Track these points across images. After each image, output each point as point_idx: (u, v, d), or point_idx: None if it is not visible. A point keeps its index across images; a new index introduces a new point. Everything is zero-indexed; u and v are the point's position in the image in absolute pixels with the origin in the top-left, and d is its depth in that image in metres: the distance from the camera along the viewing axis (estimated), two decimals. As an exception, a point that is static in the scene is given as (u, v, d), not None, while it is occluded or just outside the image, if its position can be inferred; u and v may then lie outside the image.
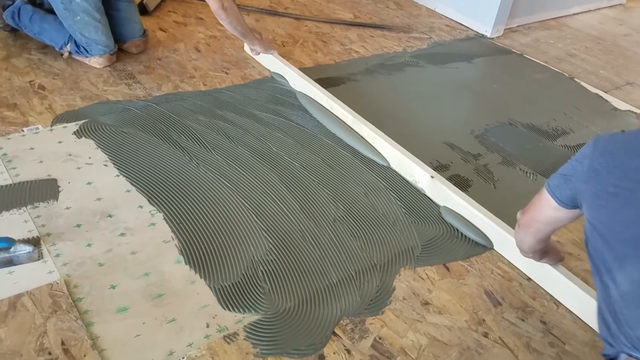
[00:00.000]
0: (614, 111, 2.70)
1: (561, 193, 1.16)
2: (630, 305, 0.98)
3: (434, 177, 1.84)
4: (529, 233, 1.32)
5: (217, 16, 2.20)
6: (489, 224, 1.68)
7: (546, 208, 1.22)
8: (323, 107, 2.25)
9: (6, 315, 1.27)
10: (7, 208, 1.57)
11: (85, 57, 2.33)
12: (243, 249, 1.55)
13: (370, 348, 1.33)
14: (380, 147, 2.02)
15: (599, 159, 1.06)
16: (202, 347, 1.27)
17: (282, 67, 2.46)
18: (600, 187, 1.04)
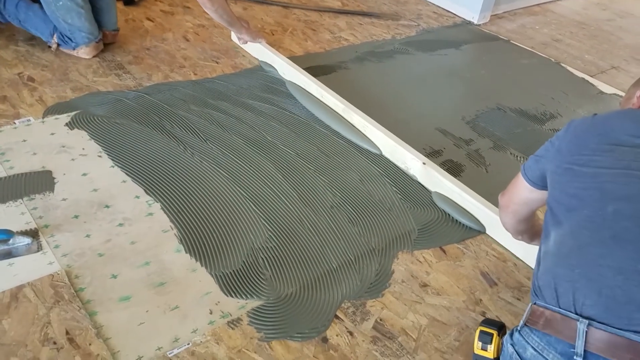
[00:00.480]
0: (600, 95, 2.74)
1: (532, 174, 1.20)
2: (544, 260, 1.07)
3: (426, 164, 1.85)
4: (508, 214, 1.36)
5: (202, 5, 2.18)
6: (481, 208, 1.70)
7: (521, 189, 1.25)
8: (313, 96, 2.25)
9: (8, 307, 1.27)
10: (3, 200, 1.56)
11: (72, 48, 2.30)
12: (242, 236, 1.56)
13: (372, 329, 1.35)
14: (372, 135, 2.03)
15: (565, 138, 1.11)
16: (206, 332, 1.28)
17: (270, 56, 2.44)
18: (558, 164, 1.09)
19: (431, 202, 1.80)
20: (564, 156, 1.09)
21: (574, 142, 1.08)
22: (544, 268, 1.06)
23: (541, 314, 1.01)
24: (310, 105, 2.20)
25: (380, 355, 1.29)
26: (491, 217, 1.67)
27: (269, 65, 2.46)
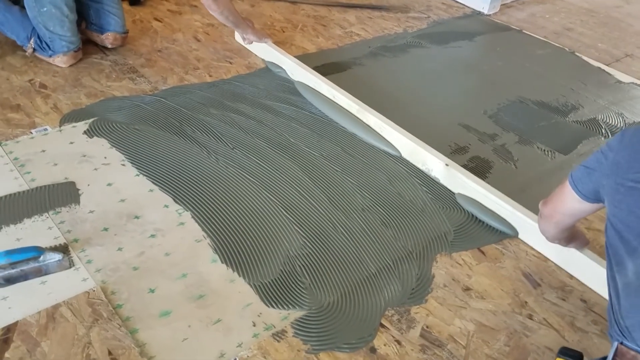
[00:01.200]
0: (618, 84, 2.71)
1: (584, 187, 1.13)
2: (627, 296, 0.98)
3: (449, 165, 1.80)
4: (551, 224, 1.31)
5: (207, 7, 2.12)
6: (512, 211, 1.64)
7: (569, 200, 1.19)
8: (325, 97, 2.17)
9: (46, 328, 1.22)
10: (28, 215, 1.51)
11: (49, 56, 2.19)
12: (277, 244, 1.52)
13: (420, 337, 1.31)
14: (390, 136, 1.97)
15: (622, 152, 1.04)
16: (252, 346, 1.24)
17: (278, 56, 2.37)
18: (619, 181, 1.02)
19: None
20: (624, 172, 1.01)
21: (634, 157, 1.01)
22: (630, 304, 0.98)
23: (633, 358, 0.95)
24: (323, 106, 2.13)
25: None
26: (524, 221, 1.61)
27: (276, 66, 2.38)
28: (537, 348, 1.32)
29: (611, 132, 2.28)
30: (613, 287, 1.04)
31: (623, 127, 2.33)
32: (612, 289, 1.04)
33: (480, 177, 1.88)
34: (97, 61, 2.28)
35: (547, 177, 1.95)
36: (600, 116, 2.38)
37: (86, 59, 2.27)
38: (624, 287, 1.00)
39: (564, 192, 1.21)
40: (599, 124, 2.32)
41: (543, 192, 1.81)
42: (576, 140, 2.19)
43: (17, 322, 1.23)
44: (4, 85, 2.05)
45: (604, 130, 2.29)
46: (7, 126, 1.83)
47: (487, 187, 1.71)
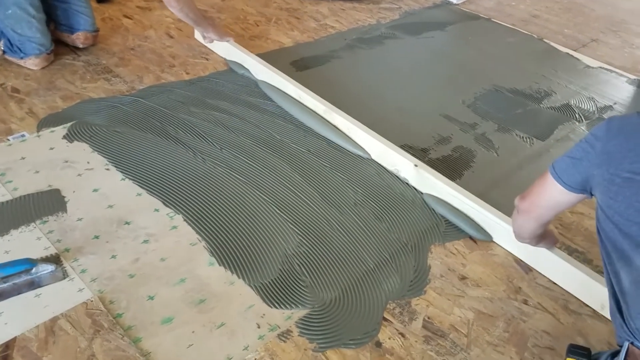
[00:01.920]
0: (587, 69, 2.78)
1: (569, 177, 1.09)
2: (638, 295, 0.94)
3: (418, 166, 1.76)
4: (529, 219, 1.26)
5: (166, 4, 2.04)
6: (485, 214, 1.60)
7: (550, 192, 1.15)
8: (291, 97, 2.10)
9: (46, 342, 1.19)
10: (14, 226, 1.46)
11: (20, 58, 2.11)
12: (273, 243, 1.51)
13: (422, 329, 1.33)
14: (358, 137, 1.91)
15: (612, 140, 1.00)
16: (259, 349, 1.24)
17: (240, 55, 2.28)
18: (614, 172, 0.98)
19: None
20: (618, 162, 0.98)
21: (626, 146, 0.97)
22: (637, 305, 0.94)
23: None
24: (290, 107, 2.07)
25: (436, 354, 1.28)
26: (498, 224, 1.58)
27: (240, 66, 2.29)
28: (535, 332, 1.36)
29: (584, 117, 2.34)
30: (617, 284, 0.99)
31: (595, 111, 2.40)
32: (615, 286, 1.00)
33: (465, 167, 1.93)
34: (70, 62, 2.21)
35: (528, 163, 2.00)
36: (573, 101, 2.45)
37: (58, 61, 2.20)
38: (631, 285, 0.95)
39: (545, 184, 1.16)
40: (572, 109, 2.39)
41: (525, 179, 1.89)
42: (552, 126, 2.25)
43: (15, 337, 1.19)
44: (-28, 90, 1.97)
45: (577, 115, 2.35)
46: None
47: (458, 189, 1.67)
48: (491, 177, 1.89)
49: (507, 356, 1.29)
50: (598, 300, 1.42)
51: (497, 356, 1.29)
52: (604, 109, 2.43)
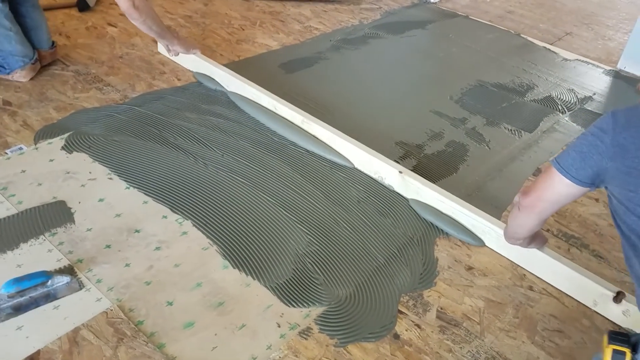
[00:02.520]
0: (565, 61, 2.88)
1: (579, 172, 1.09)
2: None
3: (403, 172, 1.74)
4: (531, 214, 1.25)
5: (128, 16, 1.96)
6: (478, 220, 1.59)
7: (557, 186, 1.15)
8: (265, 108, 2.05)
9: (71, 353, 1.19)
10: (23, 239, 1.45)
11: (7, 73, 2.06)
12: (284, 244, 1.53)
13: (437, 319, 1.38)
14: (340, 147, 1.87)
15: (622, 133, 1.01)
16: (282, 347, 1.26)
17: (209, 67, 2.21)
18: (630, 164, 0.99)
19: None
20: (633, 154, 0.98)
21: (639, 138, 0.99)
22: None
23: None
24: (266, 119, 2.01)
25: (452, 343, 1.32)
26: (490, 229, 1.57)
27: (208, 78, 2.22)
28: (542, 317, 1.42)
29: (567, 108, 2.43)
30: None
31: (576, 102, 2.49)
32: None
33: (459, 161, 1.98)
34: (59, 72, 2.19)
35: (519, 154, 2.07)
36: (554, 93, 2.54)
37: (46, 72, 2.18)
38: None
39: (550, 179, 1.16)
40: (554, 101, 2.47)
41: (517, 169, 1.95)
42: (537, 118, 2.33)
43: (39, 350, 1.19)
44: (-38, 104, 1.94)
45: (560, 106, 2.44)
46: (-23, 148, 1.74)
47: (447, 194, 1.66)
48: (486, 169, 1.95)
49: (519, 340, 1.34)
50: (590, 297, 1.44)
51: (509, 341, 1.34)
52: (585, 100, 2.52)
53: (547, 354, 1.32)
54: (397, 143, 2.04)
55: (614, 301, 1.40)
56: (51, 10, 2.65)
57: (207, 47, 2.53)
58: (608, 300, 1.41)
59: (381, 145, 1.98)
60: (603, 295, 1.42)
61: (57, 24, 2.54)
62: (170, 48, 2.22)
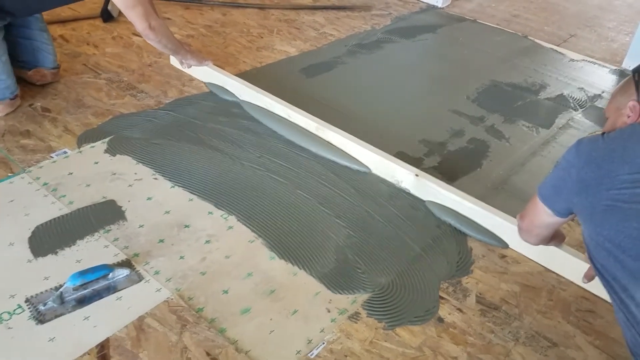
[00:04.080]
0: (572, 62, 2.98)
1: (554, 205, 1.16)
2: None
3: (419, 175, 1.78)
4: (531, 236, 1.34)
5: (144, 37, 1.98)
6: (501, 223, 1.61)
7: (542, 215, 1.22)
8: (279, 116, 2.08)
9: (139, 339, 1.26)
10: (79, 236, 1.52)
11: None
12: (324, 237, 1.61)
13: (477, 304, 1.45)
14: (356, 152, 1.90)
15: (584, 168, 1.05)
16: (334, 330, 1.34)
17: (222, 78, 2.24)
18: (594, 201, 1.02)
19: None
20: (596, 191, 1.02)
21: (599, 174, 1.02)
22: None
23: None
24: (279, 127, 2.04)
25: (494, 325, 1.40)
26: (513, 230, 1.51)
27: (221, 88, 2.26)
28: (575, 299, 1.50)
29: (579, 106, 2.52)
30: (626, 311, 0.97)
31: (587, 100, 2.59)
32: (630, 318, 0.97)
33: (482, 157, 2.07)
34: (92, 80, 2.27)
35: (539, 150, 2.16)
36: (566, 92, 2.64)
37: (79, 80, 2.26)
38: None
39: (536, 207, 1.23)
40: (567, 99, 2.57)
41: (538, 164, 2.06)
42: (552, 115, 2.42)
43: (108, 338, 1.26)
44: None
45: (572, 104, 2.53)
46: (24, 153, 1.81)
47: (466, 197, 1.69)
48: (509, 164, 2.04)
49: (555, 321, 1.43)
50: None
51: (547, 322, 1.42)
52: (595, 98, 2.62)
53: (582, 332, 1.40)
54: (420, 141, 2.12)
55: None
56: (76, 22, 2.73)
57: (229, 55, 2.62)
58: None
59: (405, 143, 2.08)
60: None
61: (84, 34, 2.62)
62: (184, 61, 2.22)
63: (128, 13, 1.91)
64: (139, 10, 1.89)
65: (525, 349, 1.34)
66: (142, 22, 1.90)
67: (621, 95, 1.16)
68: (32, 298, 1.33)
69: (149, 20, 1.91)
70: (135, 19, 1.90)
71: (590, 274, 1.33)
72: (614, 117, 1.17)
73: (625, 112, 1.12)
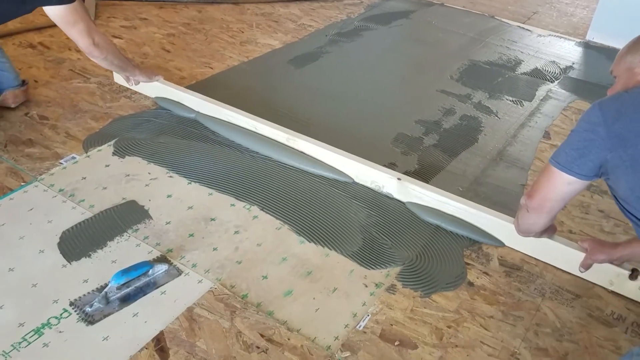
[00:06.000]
0: (540, 37, 3.13)
1: (582, 167, 1.14)
2: None
3: (401, 179, 1.72)
4: (542, 214, 1.30)
5: (88, 55, 1.87)
6: (496, 222, 1.58)
7: (559, 185, 1.20)
8: (246, 129, 1.97)
9: (192, 329, 1.29)
10: (109, 238, 1.53)
11: None
12: (346, 218, 1.67)
13: (500, 266, 1.55)
14: (334, 161, 1.82)
15: (616, 123, 1.06)
16: (375, 302, 1.40)
17: (177, 93, 2.09)
18: (633, 152, 1.04)
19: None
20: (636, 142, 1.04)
21: (636, 126, 1.05)
22: None
23: None
24: (246, 140, 1.92)
25: (519, 283, 1.49)
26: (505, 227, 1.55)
27: (171, 102, 2.10)
28: (586, 253, 1.61)
29: (554, 77, 2.66)
30: None
31: (560, 72, 2.73)
32: None
33: (477, 132, 2.17)
34: (82, 85, 2.24)
35: (526, 121, 2.28)
36: (539, 66, 2.77)
37: (70, 85, 2.23)
38: None
39: (552, 178, 1.21)
40: (542, 72, 2.71)
41: (529, 134, 2.16)
42: (532, 88, 2.55)
43: (162, 331, 1.28)
44: (2, 123, 1.97)
45: (547, 76, 2.67)
46: (30, 161, 1.79)
47: (455, 198, 1.66)
48: (502, 136, 2.15)
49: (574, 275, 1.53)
50: (607, 277, 1.47)
51: (567, 276, 1.52)
52: (567, 69, 2.77)
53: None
54: (416, 122, 2.20)
55: (630, 278, 1.42)
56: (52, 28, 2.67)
57: (215, 51, 2.63)
58: (624, 278, 1.43)
59: (403, 125, 2.16)
60: (619, 275, 1.43)
61: (63, 40, 2.57)
62: (131, 78, 2.10)
63: (68, 31, 1.78)
64: (81, 27, 1.77)
65: (552, 302, 1.44)
66: (85, 39, 1.79)
67: (632, 55, 1.17)
68: (76, 301, 1.34)
69: (92, 36, 1.80)
70: (77, 37, 1.79)
71: (587, 263, 1.41)
72: (625, 77, 1.18)
73: (638, 71, 1.15)
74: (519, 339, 1.34)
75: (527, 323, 1.38)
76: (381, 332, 1.32)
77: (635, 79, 1.16)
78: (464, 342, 1.32)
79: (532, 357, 1.30)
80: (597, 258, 1.40)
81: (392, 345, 1.30)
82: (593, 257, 1.41)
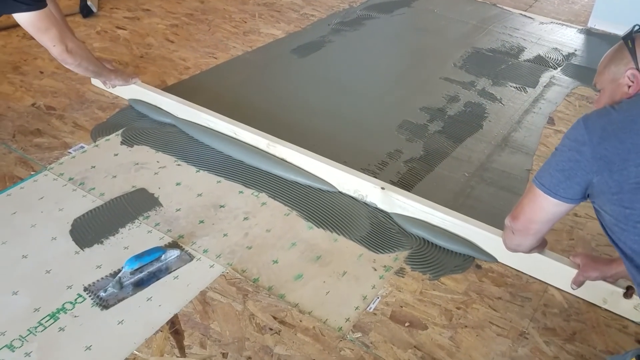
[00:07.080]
0: (542, 25, 3.14)
1: (567, 191, 1.07)
2: None
3: (385, 188, 1.64)
4: (528, 236, 1.23)
5: (61, 62, 1.80)
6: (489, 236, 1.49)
7: (544, 207, 1.13)
8: (224, 135, 1.88)
9: (206, 312, 1.31)
10: (121, 225, 1.54)
11: None
12: (350, 204, 1.68)
13: (507, 248, 1.56)
14: (317, 170, 1.74)
15: (602, 144, 0.98)
16: (385, 285, 1.42)
17: (153, 96, 2.01)
18: (621, 179, 0.97)
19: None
20: (623, 167, 0.97)
21: (623, 149, 0.97)
22: None
23: None
24: (225, 146, 1.85)
25: (526, 264, 1.51)
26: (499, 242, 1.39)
27: (146, 104, 2.03)
28: (592, 236, 1.63)
29: (557, 64, 2.67)
30: None
31: (562, 59, 2.74)
32: None
33: (481, 118, 2.18)
34: (88, 76, 2.25)
35: (530, 107, 2.29)
36: (542, 53, 2.78)
37: (74, 76, 2.23)
38: None
39: (536, 201, 1.14)
40: (545, 60, 2.71)
41: (533, 120, 2.18)
42: (535, 75, 2.56)
43: (177, 314, 1.30)
44: (9, 114, 1.98)
45: (550, 63, 2.68)
46: (40, 151, 1.80)
47: (440, 209, 1.57)
48: (506, 123, 2.16)
49: (579, 256, 1.55)
50: (600, 295, 1.39)
51: (572, 258, 1.54)
52: (569, 56, 2.77)
53: (605, 264, 1.53)
54: (420, 109, 2.21)
55: (625, 297, 1.35)
56: (56, 20, 2.68)
57: (218, 41, 2.64)
58: (618, 297, 1.36)
59: (407, 112, 2.17)
60: (613, 293, 1.36)
61: (67, 32, 2.58)
62: (108, 82, 2.04)
63: (40, 37, 1.70)
64: (53, 33, 1.70)
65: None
66: (58, 45, 1.72)
67: (615, 65, 1.09)
68: (90, 286, 1.36)
69: (65, 42, 1.73)
70: (49, 44, 1.72)
71: (579, 280, 1.34)
72: (610, 89, 1.11)
73: (624, 82, 1.07)
74: (527, 319, 1.36)
75: (535, 304, 1.40)
76: (391, 314, 1.34)
77: (621, 90, 1.08)
78: (474, 323, 1.34)
79: (541, 336, 1.32)
80: (590, 275, 1.33)
81: (403, 326, 1.32)
82: (585, 274, 1.33)
